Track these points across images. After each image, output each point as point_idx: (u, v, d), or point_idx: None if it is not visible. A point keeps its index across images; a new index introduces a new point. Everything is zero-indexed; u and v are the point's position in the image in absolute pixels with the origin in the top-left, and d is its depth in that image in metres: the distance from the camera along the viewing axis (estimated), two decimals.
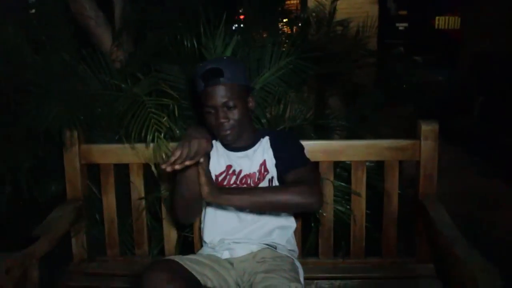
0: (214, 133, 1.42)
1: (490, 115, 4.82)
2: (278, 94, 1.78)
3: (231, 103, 1.36)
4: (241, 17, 2.41)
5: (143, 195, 1.72)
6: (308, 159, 1.47)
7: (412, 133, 1.71)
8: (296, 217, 1.61)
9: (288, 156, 1.43)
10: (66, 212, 1.65)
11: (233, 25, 2.18)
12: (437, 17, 7.69)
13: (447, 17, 7.59)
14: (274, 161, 1.45)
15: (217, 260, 1.39)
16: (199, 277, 1.24)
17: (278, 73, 1.75)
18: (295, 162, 1.41)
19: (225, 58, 1.48)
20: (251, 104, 1.45)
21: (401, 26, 8.07)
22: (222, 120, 1.36)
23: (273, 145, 1.48)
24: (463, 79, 5.52)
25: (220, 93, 1.35)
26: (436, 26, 7.72)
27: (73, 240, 1.73)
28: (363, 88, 2.45)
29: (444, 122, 1.71)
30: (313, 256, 1.73)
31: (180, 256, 1.34)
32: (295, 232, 1.56)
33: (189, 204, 1.40)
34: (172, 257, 1.29)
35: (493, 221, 2.91)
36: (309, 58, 1.81)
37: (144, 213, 1.72)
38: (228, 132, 1.38)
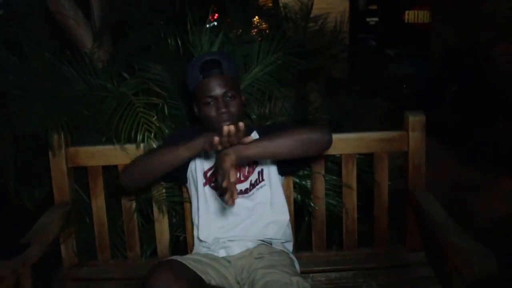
0: (209, 127, 1.40)
1: (461, 106, 4.96)
2: (267, 91, 1.78)
3: (230, 94, 1.37)
4: (215, 16, 2.40)
5: (133, 196, 1.69)
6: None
7: (392, 125, 1.74)
8: (289, 212, 1.62)
9: (277, 128, 1.45)
10: (55, 217, 1.60)
11: (206, 24, 2.16)
12: (406, 11, 7.86)
13: (416, 11, 7.77)
14: None
15: (215, 258, 1.38)
16: (203, 276, 1.24)
17: (266, 69, 1.75)
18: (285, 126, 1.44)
19: (218, 51, 1.48)
20: (243, 98, 1.46)
21: (372, 20, 8.22)
22: (223, 110, 1.35)
23: (261, 135, 1.49)
24: (435, 72, 5.66)
25: (220, 84, 1.36)
26: (406, 20, 7.89)
27: (63, 245, 1.68)
28: (341, 82, 2.49)
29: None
30: (307, 250, 1.74)
31: (181, 256, 1.33)
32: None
33: (149, 179, 1.42)
34: (175, 257, 1.28)
35: (470, 210, 3.00)
36: (297, 53, 1.81)
37: (135, 215, 1.69)
38: (228, 123, 1.35)
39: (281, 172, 1.52)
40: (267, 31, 2.31)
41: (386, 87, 2.53)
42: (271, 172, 1.49)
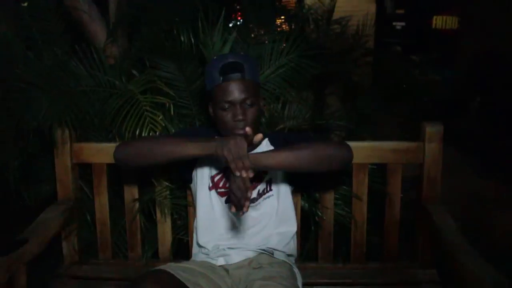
0: (223, 131, 1.35)
1: (487, 116, 4.80)
2: (278, 93, 1.72)
3: (249, 101, 1.30)
4: (238, 16, 2.35)
5: (137, 196, 1.65)
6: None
7: (412, 134, 1.66)
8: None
9: (293, 139, 1.37)
10: (57, 213, 1.58)
11: (230, 22, 2.12)
12: (434, 17, 7.67)
13: (444, 17, 7.57)
14: None
15: (211, 267, 1.33)
16: None
17: (278, 71, 1.69)
18: (301, 137, 1.38)
19: (242, 53, 1.40)
20: (262, 103, 1.40)
21: (398, 25, 8.05)
22: (240, 117, 1.28)
23: (272, 144, 1.43)
24: (461, 79, 5.49)
25: (240, 89, 1.28)
26: (433, 26, 7.70)
27: (64, 243, 1.66)
28: (362, 87, 2.41)
29: (441, 122, 1.66)
30: (312, 261, 1.68)
31: (172, 265, 1.27)
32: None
33: (147, 163, 1.34)
34: (164, 267, 1.22)
35: (491, 223, 2.88)
36: (311, 56, 1.75)
37: (138, 215, 1.66)
38: (244, 132, 1.31)
39: (291, 183, 1.46)
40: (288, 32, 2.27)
41: (408, 94, 2.46)
42: (279, 182, 1.43)
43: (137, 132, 1.48)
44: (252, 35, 1.94)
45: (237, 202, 1.13)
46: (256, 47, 1.81)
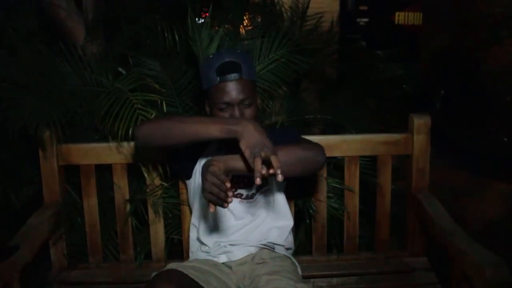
0: None
1: (450, 109, 4.97)
2: (269, 89, 1.72)
3: (247, 101, 1.27)
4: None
5: (127, 197, 1.61)
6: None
7: (385, 126, 1.70)
8: None
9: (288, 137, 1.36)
10: (45, 217, 1.52)
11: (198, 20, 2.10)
12: (397, 13, 7.86)
13: (407, 13, 7.78)
14: None
15: (215, 265, 1.32)
16: (204, 286, 1.17)
17: (269, 66, 1.69)
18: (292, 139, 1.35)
19: (238, 51, 1.37)
20: (259, 101, 1.38)
21: (362, 21, 8.21)
22: None
23: (272, 138, 1.42)
24: (424, 74, 5.66)
25: (238, 90, 1.25)
26: (396, 21, 7.90)
27: (52, 248, 1.60)
28: (333, 82, 2.45)
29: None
30: (306, 254, 1.69)
31: (181, 264, 1.25)
32: None
33: (168, 143, 1.26)
34: (175, 266, 1.20)
35: (463, 213, 2.99)
36: (297, 51, 1.76)
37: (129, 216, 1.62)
38: None
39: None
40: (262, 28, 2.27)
41: (377, 89, 2.51)
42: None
43: (130, 131, 1.44)
44: (233, 31, 1.93)
45: (215, 200, 1.09)
46: (242, 44, 1.80)
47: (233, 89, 1.25)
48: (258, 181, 1.02)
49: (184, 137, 1.21)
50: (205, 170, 1.11)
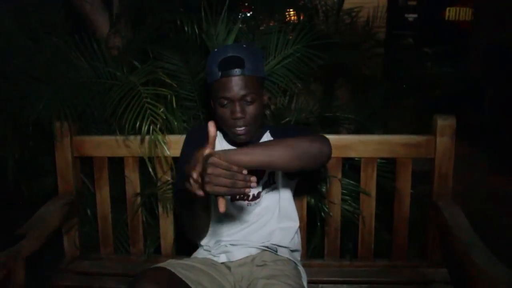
0: (222, 126, 1.29)
1: (500, 109, 4.69)
2: (283, 85, 1.67)
3: (249, 98, 1.22)
4: (245, 9, 2.30)
5: (138, 190, 1.62)
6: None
7: (423, 128, 1.60)
8: (301, 216, 1.52)
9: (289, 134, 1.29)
10: (57, 207, 1.55)
11: (238, 14, 2.06)
12: (447, 8, 7.50)
13: (458, 8, 7.41)
14: None
15: (213, 264, 1.28)
16: (193, 286, 1.13)
17: (284, 61, 1.63)
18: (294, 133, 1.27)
19: (244, 45, 1.33)
20: (265, 98, 1.32)
21: (411, 17, 7.90)
22: (239, 115, 1.22)
23: (273, 136, 1.38)
24: (474, 72, 5.37)
25: (239, 85, 1.21)
26: (446, 17, 7.54)
27: (65, 237, 1.64)
28: (372, 80, 2.35)
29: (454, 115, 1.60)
30: (318, 258, 1.63)
31: (173, 261, 1.23)
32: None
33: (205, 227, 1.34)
34: (164, 265, 1.18)
35: (502, 220, 2.80)
36: (317, 46, 1.69)
37: (139, 209, 1.62)
38: (243, 130, 1.24)
39: (289, 175, 1.39)
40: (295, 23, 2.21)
41: (421, 87, 2.39)
42: (281, 175, 1.38)
43: (137, 125, 1.43)
44: (258, 25, 1.89)
45: (227, 191, 1.00)
46: (261, 38, 1.75)
47: (234, 85, 1.21)
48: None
49: (195, 208, 1.23)
50: (204, 163, 1.05)
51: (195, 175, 0.99)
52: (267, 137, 1.38)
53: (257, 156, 1.08)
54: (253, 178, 1.00)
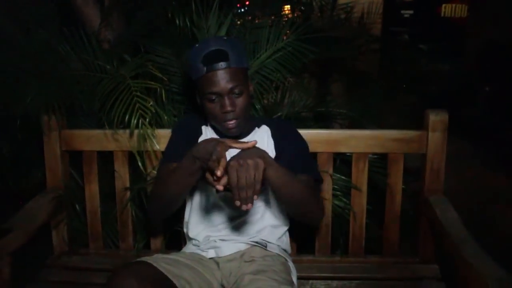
0: (212, 122, 1.29)
1: (494, 106, 4.69)
2: (275, 79, 1.65)
3: (237, 90, 1.22)
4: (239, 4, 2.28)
5: (128, 185, 1.60)
6: (314, 165, 1.41)
7: (417, 124, 1.59)
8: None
9: (294, 157, 1.30)
10: (45, 202, 1.53)
11: (230, 8, 2.05)
12: (443, 5, 7.50)
13: (453, 5, 7.41)
14: (274, 154, 1.33)
15: (200, 259, 1.27)
16: (175, 281, 1.11)
17: (275, 55, 1.62)
18: (303, 167, 1.29)
19: (225, 38, 1.31)
20: (251, 88, 1.32)
21: (406, 13, 7.89)
22: (229, 108, 1.21)
23: (274, 137, 1.36)
24: (470, 68, 5.37)
25: (226, 79, 1.20)
26: (442, 14, 7.53)
27: (53, 232, 1.62)
28: (367, 75, 2.34)
29: (448, 112, 1.59)
30: (309, 254, 1.62)
31: (158, 256, 1.21)
32: (290, 229, 1.44)
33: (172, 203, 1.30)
34: (147, 259, 1.15)
35: (495, 217, 2.80)
36: (310, 40, 1.67)
37: (129, 204, 1.61)
38: (234, 123, 1.24)
39: None
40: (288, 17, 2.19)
41: (416, 83, 2.39)
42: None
43: (126, 118, 1.42)
44: (250, 18, 1.87)
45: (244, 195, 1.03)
46: (253, 32, 1.73)
47: (221, 78, 1.20)
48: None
49: (181, 194, 1.26)
50: (208, 148, 1.07)
51: (219, 172, 1.00)
52: (265, 132, 1.36)
53: (283, 182, 1.15)
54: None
